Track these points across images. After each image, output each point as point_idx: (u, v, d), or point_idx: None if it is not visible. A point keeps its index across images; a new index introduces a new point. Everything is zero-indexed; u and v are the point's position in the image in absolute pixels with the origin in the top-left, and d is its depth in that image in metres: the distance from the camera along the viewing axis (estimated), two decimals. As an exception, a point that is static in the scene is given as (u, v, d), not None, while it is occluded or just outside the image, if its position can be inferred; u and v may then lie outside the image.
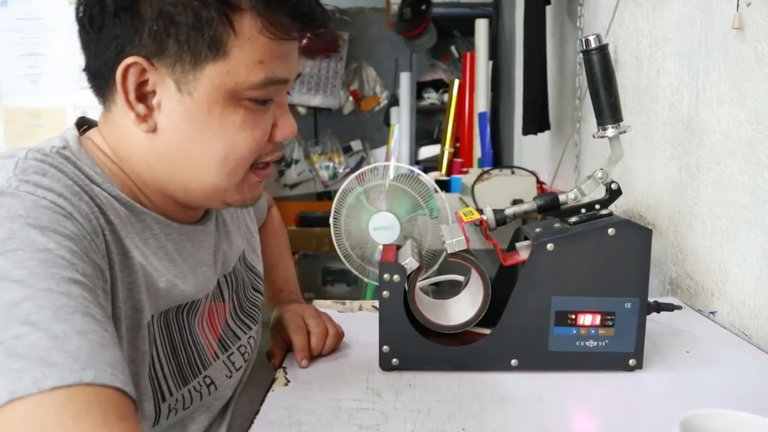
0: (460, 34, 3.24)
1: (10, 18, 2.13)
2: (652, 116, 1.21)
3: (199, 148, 0.61)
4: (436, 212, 0.90)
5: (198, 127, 0.60)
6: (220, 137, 0.61)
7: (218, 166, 0.62)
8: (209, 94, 0.59)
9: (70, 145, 0.62)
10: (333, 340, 0.84)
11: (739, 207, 0.92)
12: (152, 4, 0.56)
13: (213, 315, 0.76)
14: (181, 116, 0.60)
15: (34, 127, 2.16)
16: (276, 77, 0.61)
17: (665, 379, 0.76)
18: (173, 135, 0.61)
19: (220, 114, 0.60)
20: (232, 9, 0.57)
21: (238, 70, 0.59)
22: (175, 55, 0.58)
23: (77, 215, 0.54)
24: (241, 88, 0.59)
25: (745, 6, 0.89)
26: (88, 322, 0.45)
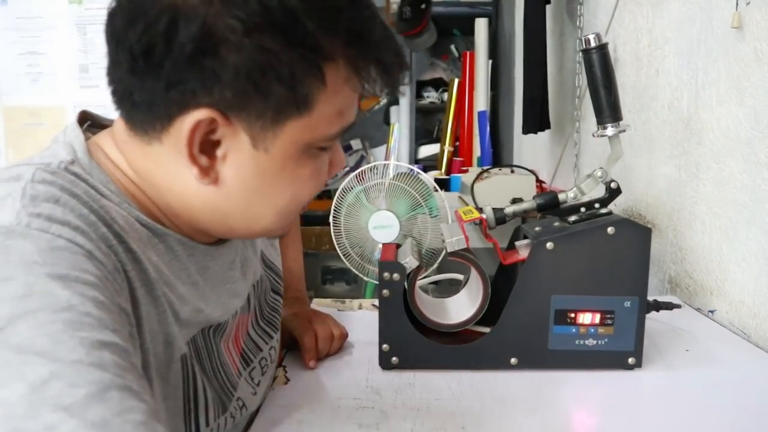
0: (459, 33, 3.24)
1: (9, 17, 2.12)
2: (652, 115, 1.21)
3: (260, 201, 0.56)
4: (435, 211, 0.90)
5: (266, 183, 0.54)
6: (287, 190, 0.56)
7: (277, 216, 0.57)
8: (286, 150, 0.53)
9: (79, 157, 0.54)
10: (338, 342, 0.84)
11: (738, 206, 0.92)
12: (240, 51, 0.47)
13: (239, 328, 0.70)
14: (251, 173, 0.53)
15: (33, 126, 2.16)
16: (348, 124, 0.56)
17: (664, 378, 0.76)
18: (236, 189, 0.54)
19: (293, 168, 0.54)
20: (325, 59, 0.50)
21: (319, 123, 0.52)
22: (257, 111, 0.50)
23: (97, 253, 0.47)
24: (318, 141, 0.54)
25: (745, 5, 0.89)
26: (125, 399, 0.40)
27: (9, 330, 0.39)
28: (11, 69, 2.13)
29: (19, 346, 0.39)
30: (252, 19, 0.47)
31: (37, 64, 2.13)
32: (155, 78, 0.49)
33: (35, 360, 0.38)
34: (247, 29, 0.47)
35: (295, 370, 0.79)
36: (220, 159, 0.52)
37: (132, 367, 0.43)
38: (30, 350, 0.39)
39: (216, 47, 0.47)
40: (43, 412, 0.37)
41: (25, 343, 0.39)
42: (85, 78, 2.11)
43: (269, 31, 0.47)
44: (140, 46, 0.48)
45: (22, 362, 0.38)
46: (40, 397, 0.37)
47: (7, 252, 0.43)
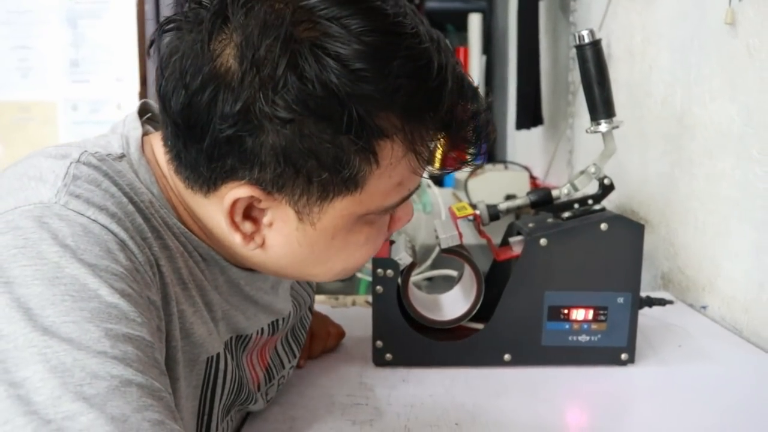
0: (453, 29, 3.24)
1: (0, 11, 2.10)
2: (645, 111, 1.21)
3: (311, 265, 0.54)
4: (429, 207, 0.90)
5: (317, 251, 0.52)
6: (340, 256, 0.53)
7: (332, 276, 0.56)
8: (336, 224, 0.50)
9: (131, 152, 0.52)
10: (334, 340, 0.84)
11: (731, 202, 0.93)
12: (281, 137, 0.44)
13: (266, 344, 0.67)
14: (298, 241, 0.51)
15: (24, 121, 2.14)
16: (410, 192, 0.53)
17: (657, 374, 0.76)
18: (285, 254, 0.52)
19: (345, 237, 0.52)
20: (378, 139, 0.46)
21: (373, 197, 0.49)
22: (300, 192, 0.47)
23: (131, 243, 0.46)
24: (375, 212, 0.51)
25: (737, 1, 0.89)
26: (145, 395, 0.39)
27: (37, 311, 0.39)
28: (1, 63, 2.11)
29: (45, 328, 0.39)
30: (292, 105, 0.44)
31: (28, 58, 2.12)
32: (198, 149, 0.47)
33: (60, 345, 0.38)
34: (287, 115, 0.44)
35: (289, 367, 0.79)
36: (265, 225, 0.50)
37: (155, 363, 0.43)
38: (55, 334, 0.39)
39: (255, 130, 0.45)
40: (64, 399, 0.37)
41: (52, 327, 0.39)
42: (75, 73, 2.10)
43: (312, 118, 0.44)
44: (183, 115, 0.47)
45: (47, 345, 0.38)
46: (62, 383, 0.37)
47: (42, 229, 0.42)
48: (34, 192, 0.45)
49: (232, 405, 0.61)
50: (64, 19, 2.11)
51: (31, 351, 0.38)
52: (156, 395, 0.40)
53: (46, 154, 0.49)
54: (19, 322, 0.39)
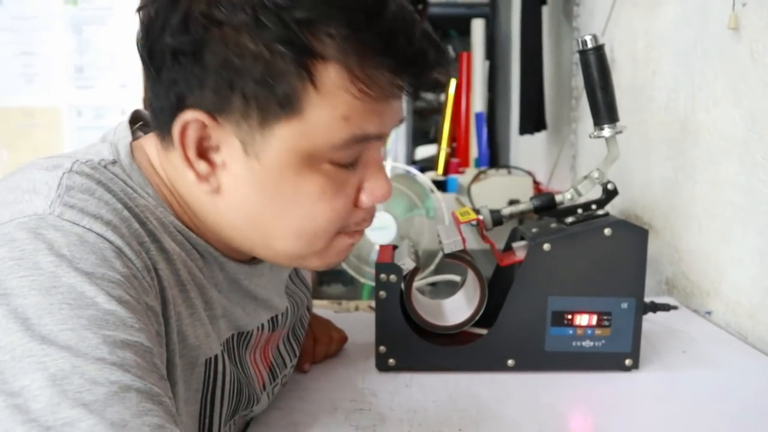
0: (456, 34, 3.24)
1: (4, 17, 2.12)
2: (648, 116, 1.21)
3: (268, 218, 0.52)
4: (432, 212, 0.90)
5: (268, 196, 0.51)
6: (293, 208, 0.51)
7: (293, 237, 0.53)
8: (280, 159, 0.49)
9: (122, 158, 0.53)
10: (336, 345, 0.84)
11: (735, 207, 0.93)
12: (216, 52, 0.46)
13: (269, 342, 0.67)
14: (247, 181, 0.50)
15: (28, 127, 2.15)
16: (365, 134, 0.50)
17: (661, 379, 0.76)
18: (239, 199, 0.52)
19: (294, 181, 0.50)
20: (313, 59, 0.46)
21: (316, 129, 0.48)
22: (240, 113, 0.48)
23: (127, 250, 0.46)
24: (321, 150, 0.49)
25: (741, 6, 0.89)
26: (144, 400, 0.40)
27: (34, 321, 0.39)
28: (6, 69, 2.12)
29: (43, 337, 0.39)
30: (224, 10, 0.45)
31: (32, 64, 2.13)
32: (158, 83, 0.50)
33: (58, 353, 0.38)
34: (222, 26, 0.46)
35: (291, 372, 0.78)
36: (219, 167, 0.51)
37: (154, 369, 0.43)
38: (53, 343, 0.39)
39: (194, 46, 0.47)
40: (63, 406, 0.37)
41: (50, 336, 0.39)
42: (80, 78, 2.11)
43: (245, 29, 0.45)
44: (146, 52, 0.49)
45: (45, 353, 0.38)
46: (61, 390, 0.37)
47: (37, 240, 0.43)
48: (29, 204, 0.45)
49: (236, 409, 0.61)
50: (69, 26, 2.12)
51: (30, 360, 0.38)
52: (156, 400, 0.40)
53: (38, 166, 0.50)
54: (16, 333, 0.39)
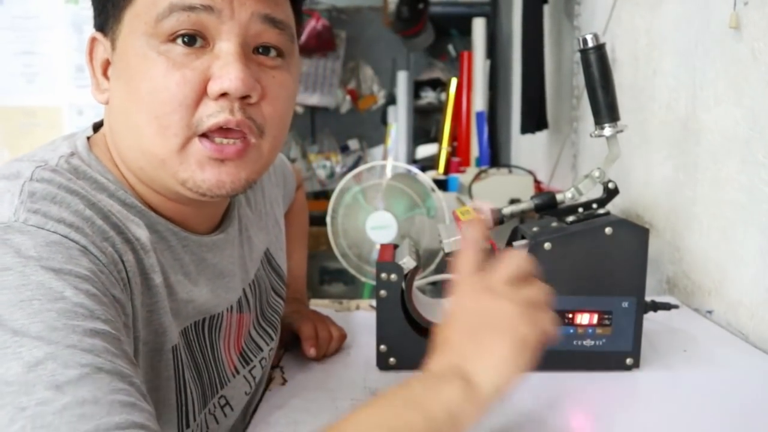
0: (457, 33, 3.24)
1: (5, 16, 2.12)
2: (649, 115, 1.21)
3: (128, 108, 0.55)
4: (433, 211, 0.90)
5: (123, 85, 0.55)
6: (139, 90, 0.54)
7: (145, 124, 0.54)
8: (127, 44, 0.54)
9: (79, 150, 0.57)
10: (336, 343, 0.84)
11: (736, 206, 0.92)
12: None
13: (235, 327, 0.69)
14: (114, 77, 0.57)
15: (29, 126, 2.16)
16: (185, 2, 0.52)
17: (662, 379, 0.76)
18: (114, 101, 0.57)
19: (137, 64, 0.54)
20: None
21: (143, 8, 0.53)
22: (110, 17, 0.56)
23: (92, 248, 0.48)
24: (150, 26, 0.53)
25: (742, 5, 0.89)
26: (115, 380, 0.42)
27: (6, 316, 0.42)
28: (7, 69, 2.12)
29: (15, 330, 0.41)
30: None
31: (33, 64, 2.13)
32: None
33: (31, 343, 0.41)
34: None
35: (292, 371, 0.79)
36: (110, 78, 0.58)
37: (123, 354, 0.45)
38: (26, 334, 0.41)
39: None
40: (37, 388, 0.39)
41: (22, 329, 0.41)
42: (81, 78, 2.11)
43: None
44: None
45: (19, 344, 0.41)
46: (35, 375, 0.39)
47: (5, 245, 0.45)
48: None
49: (203, 394, 0.62)
50: (70, 25, 2.13)
51: (4, 351, 0.40)
52: (126, 380, 0.43)
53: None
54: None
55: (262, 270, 0.77)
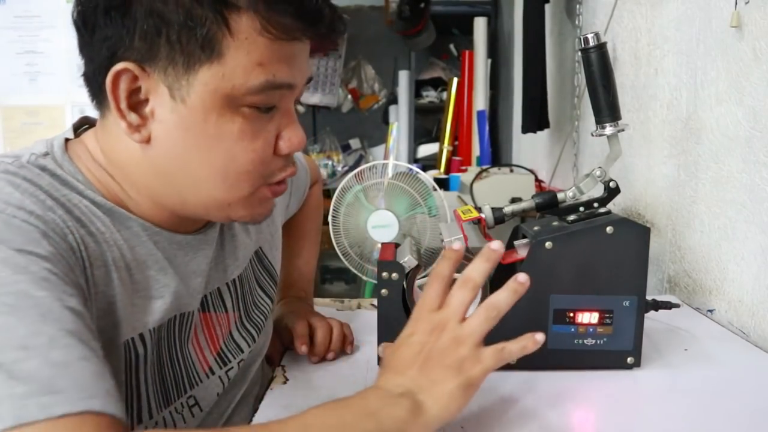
0: (458, 33, 3.24)
1: (7, 16, 2.12)
2: (651, 114, 1.21)
3: (195, 160, 0.57)
4: (434, 210, 0.90)
5: (193, 137, 0.56)
6: (216, 148, 0.56)
7: (218, 180, 0.58)
8: (204, 100, 0.54)
9: (54, 150, 0.58)
10: (338, 339, 0.82)
11: (737, 205, 0.93)
12: (143, 3, 0.52)
13: (212, 327, 0.70)
14: (175, 125, 0.55)
15: (32, 125, 2.16)
16: (278, 81, 0.56)
17: (663, 377, 0.76)
18: (168, 145, 0.57)
19: (216, 122, 0.55)
20: (228, 8, 0.53)
21: (234, 73, 0.54)
22: (166, 58, 0.53)
23: (51, 233, 0.51)
24: (239, 93, 0.55)
25: (744, 4, 0.89)
26: (84, 349, 0.45)
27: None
28: (9, 68, 2.13)
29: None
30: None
31: (35, 63, 2.13)
32: (91, 46, 0.55)
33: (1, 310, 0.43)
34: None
35: (294, 370, 0.79)
36: (149, 117, 0.56)
37: (89, 329, 0.47)
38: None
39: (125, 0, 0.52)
40: (9, 350, 0.42)
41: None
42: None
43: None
44: (80, 18, 0.55)
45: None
46: (7, 338, 0.43)
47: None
48: None
49: (166, 394, 0.63)
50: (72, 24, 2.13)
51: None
52: (93, 351, 0.45)
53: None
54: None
55: (249, 269, 0.77)
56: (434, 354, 0.56)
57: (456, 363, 0.55)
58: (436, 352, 0.56)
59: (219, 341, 0.71)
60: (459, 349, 0.55)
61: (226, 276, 0.73)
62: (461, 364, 0.55)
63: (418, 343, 0.57)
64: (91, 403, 0.42)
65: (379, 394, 0.54)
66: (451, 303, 0.58)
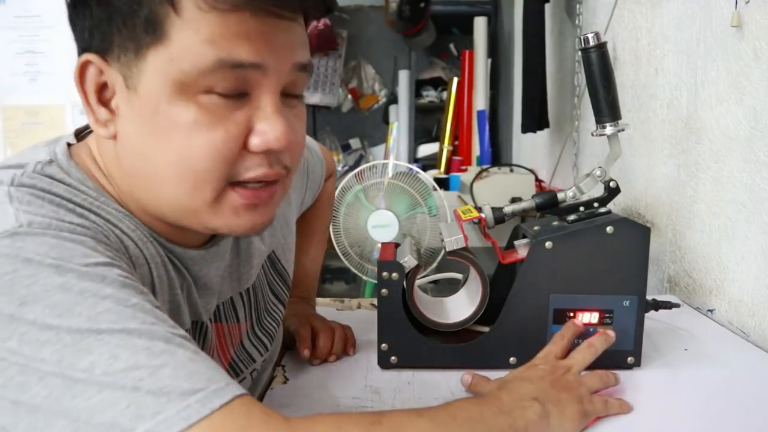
0: (458, 32, 3.24)
1: (7, 16, 2.12)
2: (651, 114, 1.21)
3: (152, 156, 0.51)
4: (434, 210, 0.90)
5: (147, 130, 0.50)
6: (169, 141, 0.50)
7: (175, 179, 0.51)
8: (153, 88, 0.49)
9: (59, 158, 0.54)
10: (340, 342, 0.82)
11: (738, 205, 0.92)
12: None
13: (223, 337, 0.67)
14: (131, 118, 0.51)
15: (32, 125, 2.16)
16: (234, 59, 0.48)
17: (663, 377, 0.76)
18: (128, 141, 0.52)
19: (167, 113, 0.49)
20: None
21: (182, 55, 0.48)
22: (119, 46, 0.49)
23: (101, 237, 0.49)
24: (190, 77, 0.48)
25: (744, 4, 0.89)
26: (189, 341, 0.46)
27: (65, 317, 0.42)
28: (10, 68, 2.12)
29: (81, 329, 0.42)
30: None
31: (36, 63, 2.13)
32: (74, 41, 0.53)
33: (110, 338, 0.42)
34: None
35: (294, 370, 0.79)
36: (116, 112, 0.52)
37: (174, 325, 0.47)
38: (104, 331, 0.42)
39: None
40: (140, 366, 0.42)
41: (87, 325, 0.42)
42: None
43: None
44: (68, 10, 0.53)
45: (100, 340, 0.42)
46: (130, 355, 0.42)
47: (22, 252, 0.44)
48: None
49: None
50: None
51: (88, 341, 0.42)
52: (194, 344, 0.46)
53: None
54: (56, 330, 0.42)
55: (262, 274, 0.74)
56: (562, 382, 0.65)
57: (578, 396, 0.64)
58: (563, 382, 0.65)
59: (230, 351, 0.68)
60: (580, 388, 0.65)
61: (240, 285, 0.69)
62: (581, 398, 0.64)
63: (549, 372, 0.66)
64: (233, 388, 0.44)
65: (513, 396, 0.60)
66: (576, 357, 0.70)
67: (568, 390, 0.64)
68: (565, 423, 0.60)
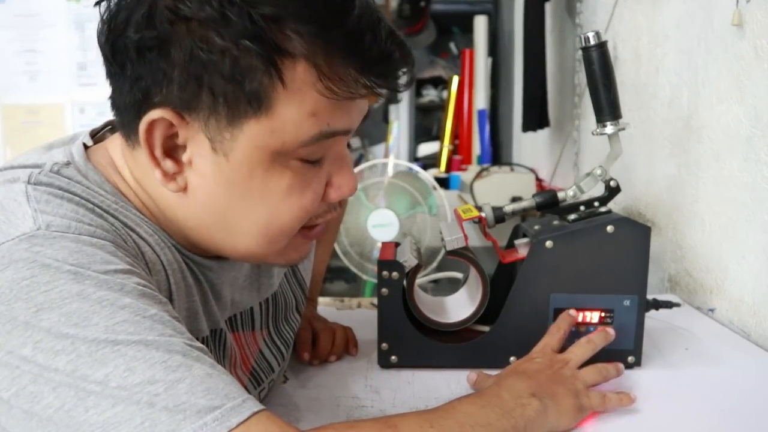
0: (459, 31, 3.24)
1: (7, 14, 2.12)
2: (652, 113, 1.21)
3: (236, 216, 0.51)
4: (434, 209, 0.90)
5: (236, 194, 0.50)
6: (261, 205, 0.51)
7: (258, 236, 0.52)
8: (250, 157, 0.48)
9: (76, 160, 0.52)
10: (341, 343, 0.82)
11: (738, 204, 0.92)
12: (183, 47, 0.45)
13: (242, 347, 0.66)
14: (215, 180, 0.50)
15: (32, 124, 2.16)
16: (332, 130, 0.50)
17: (664, 377, 0.76)
18: (206, 198, 0.51)
19: (263, 178, 0.50)
20: (281, 56, 0.46)
21: (285, 127, 0.48)
22: (208, 109, 0.47)
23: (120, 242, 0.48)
24: (290, 148, 0.49)
25: (745, 3, 0.89)
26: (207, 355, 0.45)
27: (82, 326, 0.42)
28: (9, 67, 2.12)
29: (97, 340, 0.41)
30: (189, 4, 0.45)
31: (35, 62, 2.13)
32: (121, 78, 0.49)
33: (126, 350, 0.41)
34: (188, 21, 0.45)
35: (294, 370, 0.79)
36: (186, 165, 0.50)
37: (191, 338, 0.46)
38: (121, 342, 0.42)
39: (160, 41, 0.46)
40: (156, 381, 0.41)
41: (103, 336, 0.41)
42: (83, 76, 2.11)
43: (213, 24, 0.45)
44: (108, 47, 0.49)
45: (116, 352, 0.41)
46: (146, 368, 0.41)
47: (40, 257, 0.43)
48: (7, 224, 0.45)
49: None
50: (72, 23, 2.12)
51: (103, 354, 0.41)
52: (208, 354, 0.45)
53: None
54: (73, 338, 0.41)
55: (285, 284, 0.73)
56: (558, 377, 0.66)
57: (574, 390, 0.64)
58: (560, 376, 0.66)
59: (250, 360, 0.67)
60: (576, 383, 0.66)
61: (260, 295, 0.68)
62: (578, 392, 0.64)
63: (546, 366, 0.67)
64: (250, 404, 0.43)
65: (512, 393, 0.59)
66: (574, 351, 0.70)
67: (564, 384, 0.64)
68: (561, 417, 0.61)
